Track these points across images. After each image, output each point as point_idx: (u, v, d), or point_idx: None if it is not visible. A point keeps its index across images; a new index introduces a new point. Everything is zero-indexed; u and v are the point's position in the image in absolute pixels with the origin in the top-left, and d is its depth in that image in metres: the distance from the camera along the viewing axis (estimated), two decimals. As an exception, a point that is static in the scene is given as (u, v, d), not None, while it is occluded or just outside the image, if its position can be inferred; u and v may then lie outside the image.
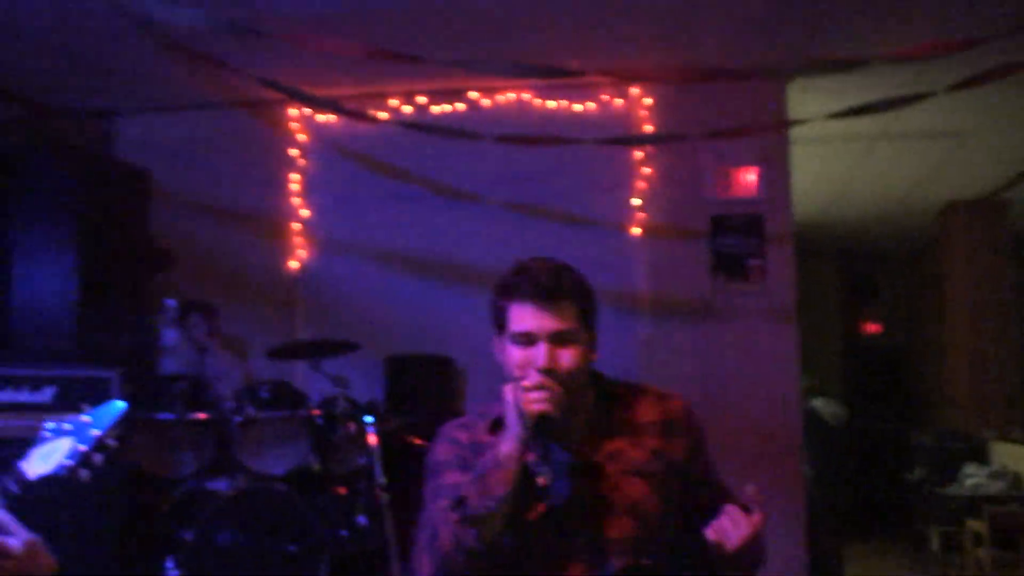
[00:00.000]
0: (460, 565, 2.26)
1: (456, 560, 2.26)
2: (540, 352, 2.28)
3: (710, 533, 2.19)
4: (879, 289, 13.65)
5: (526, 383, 2.24)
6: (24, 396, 4.56)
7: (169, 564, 4.93)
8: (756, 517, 2.21)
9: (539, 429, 2.21)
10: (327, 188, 7.08)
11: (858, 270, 13.38)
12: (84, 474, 2.43)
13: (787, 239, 6.60)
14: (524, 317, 2.31)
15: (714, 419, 2.52)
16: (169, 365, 6.48)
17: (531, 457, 2.25)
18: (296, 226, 7.06)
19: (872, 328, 13.79)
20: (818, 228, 10.84)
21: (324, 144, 7.10)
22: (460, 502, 2.24)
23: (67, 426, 2.48)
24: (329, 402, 5.55)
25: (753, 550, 2.22)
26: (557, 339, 2.29)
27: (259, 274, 7.03)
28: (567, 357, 2.29)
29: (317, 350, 5.62)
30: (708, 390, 6.32)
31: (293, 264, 7.03)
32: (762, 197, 6.61)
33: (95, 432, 2.45)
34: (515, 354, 2.33)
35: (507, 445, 2.22)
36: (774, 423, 6.44)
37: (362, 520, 5.38)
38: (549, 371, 2.26)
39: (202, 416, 5.31)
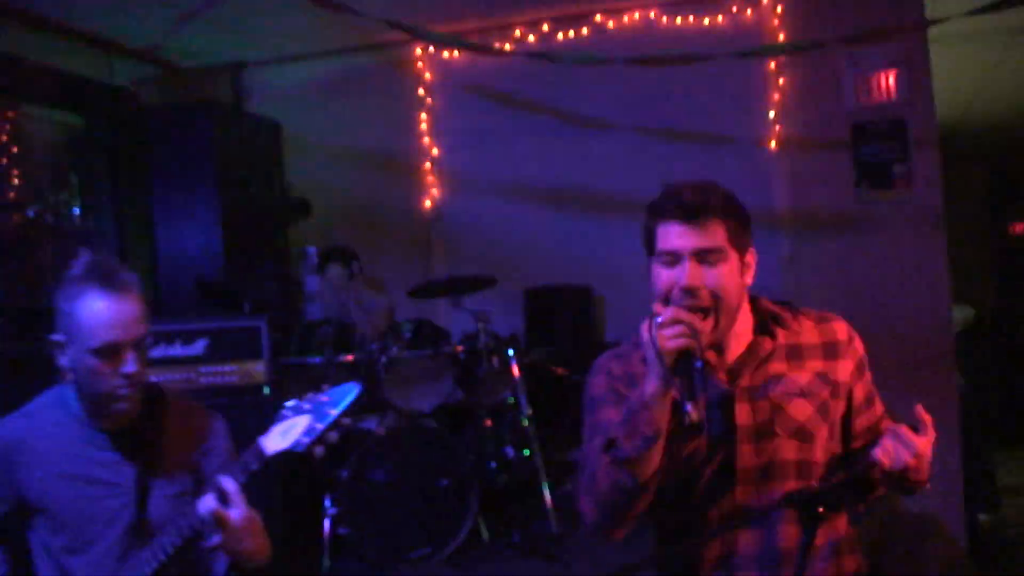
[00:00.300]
0: (620, 504, 2.23)
1: (615, 500, 2.23)
2: (684, 271, 2.22)
3: (879, 453, 2.15)
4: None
5: (661, 319, 2.14)
6: (177, 350, 4.69)
7: (327, 502, 5.06)
8: (927, 437, 2.16)
9: (679, 366, 2.11)
10: (456, 125, 7.07)
11: (1006, 169, 12.82)
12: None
13: (932, 143, 6.33)
14: (669, 235, 2.25)
15: (863, 333, 2.44)
16: (314, 311, 6.63)
17: (677, 394, 2.16)
18: (427, 165, 7.08)
19: (1022, 228, 13.25)
20: (961, 128, 10.39)
21: (450, 81, 7.08)
22: (611, 444, 2.20)
23: (306, 405, 2.55)
24: (471, 337, 5.58)
25: (921, 470, 2.18)
26: (702, 257, 2.22)
27: (394, 216, 7.09)
28: (713, 277, 2.22)
29: (456, 287, 5.65)
30: (856, 304, 6.15)
31: (427, 203, 7.06)
32: (903, 100, 6.33)
33: (332, 411, 2.52)
34: (661, 275, 2.27)
35: (650, 385, 2.14)
36: (925, 333, 6.24)
37: (510, 451, 5.42)
38: (692, 290, 2.20)
39: (349, 358, 5.40)
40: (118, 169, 6.20)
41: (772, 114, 6.47)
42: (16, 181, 5.70)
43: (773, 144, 6.47)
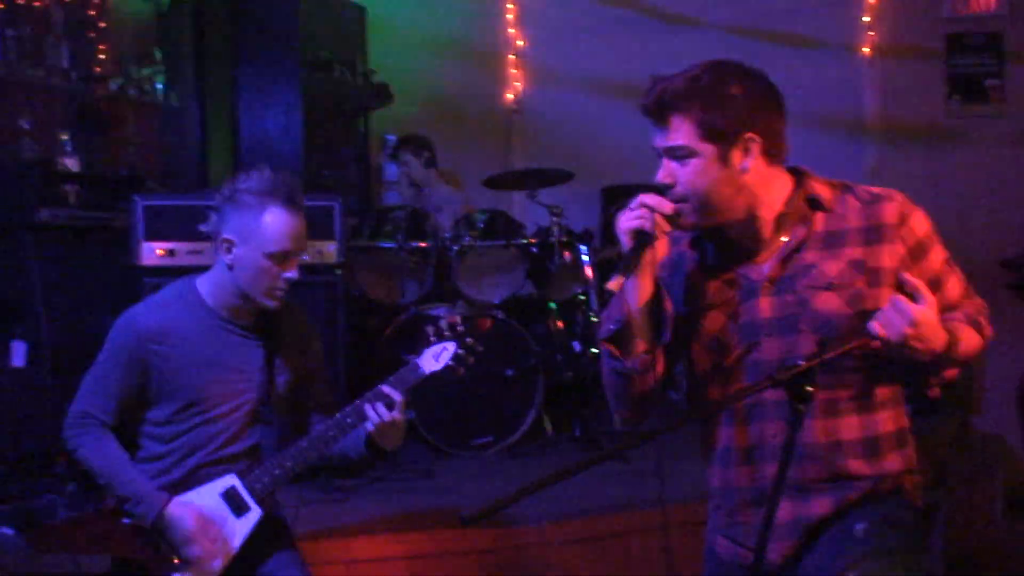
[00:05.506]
0: (617, 387, 2.27)
1: (612, 382, 2.28)
2: (661, 168, 2.22)
3: (875, 325, 2.05)
4: None
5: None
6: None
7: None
8: (924, 304, 2.06)
9: (635, 247, 2.16)
10: (542, 17, 6.96)
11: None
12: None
13: (1030, 57, 6.15)
14: (653, 136, 2.24)
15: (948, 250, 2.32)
16: (391, 197, 6.67)
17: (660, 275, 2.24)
18: (511, 57, 7.01)
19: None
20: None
21: (539, -29, 6.96)
22: (599, 325, 2.28)
23: (447, 332, 2.99)
24: (545, 231, 5.57)
25: (924, 339, 2.05)
26: (672, 155, 2.19)
27: (476, 106, 7.05)
28: (684, 173, 2.18)
29: (533, 179, 5.63)
30: (941, 220, 6.00)
31: (509, 95, 7.01)
32: (1002, 12, 6.16)
33: (470, 339, 2.99)
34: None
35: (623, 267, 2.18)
36: (1013, 253, 6.11)
37: (577, 346, 5.43)
38: (663, 187, 2.19)
39: (422, 245, 5.42)
40: (203, 46, 6.22)
41: (866, 18, 6.29)
42: (102, 56, 5.75)
43: (865, 49, 6.30)
